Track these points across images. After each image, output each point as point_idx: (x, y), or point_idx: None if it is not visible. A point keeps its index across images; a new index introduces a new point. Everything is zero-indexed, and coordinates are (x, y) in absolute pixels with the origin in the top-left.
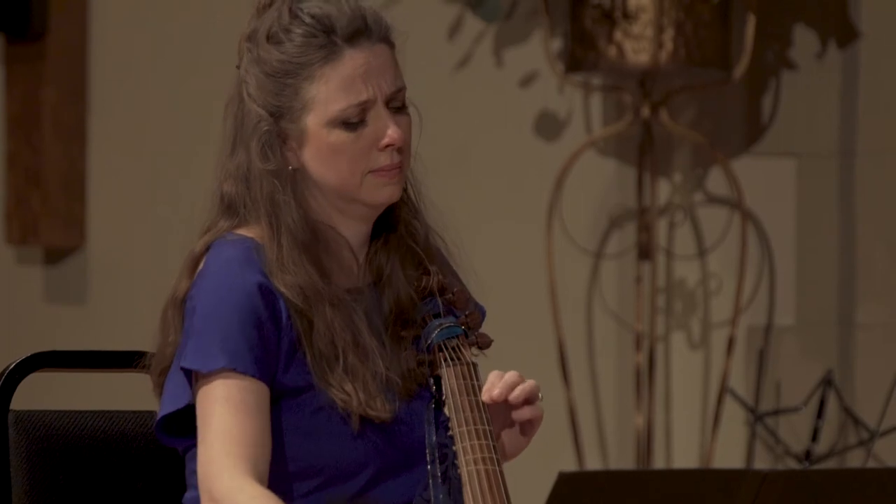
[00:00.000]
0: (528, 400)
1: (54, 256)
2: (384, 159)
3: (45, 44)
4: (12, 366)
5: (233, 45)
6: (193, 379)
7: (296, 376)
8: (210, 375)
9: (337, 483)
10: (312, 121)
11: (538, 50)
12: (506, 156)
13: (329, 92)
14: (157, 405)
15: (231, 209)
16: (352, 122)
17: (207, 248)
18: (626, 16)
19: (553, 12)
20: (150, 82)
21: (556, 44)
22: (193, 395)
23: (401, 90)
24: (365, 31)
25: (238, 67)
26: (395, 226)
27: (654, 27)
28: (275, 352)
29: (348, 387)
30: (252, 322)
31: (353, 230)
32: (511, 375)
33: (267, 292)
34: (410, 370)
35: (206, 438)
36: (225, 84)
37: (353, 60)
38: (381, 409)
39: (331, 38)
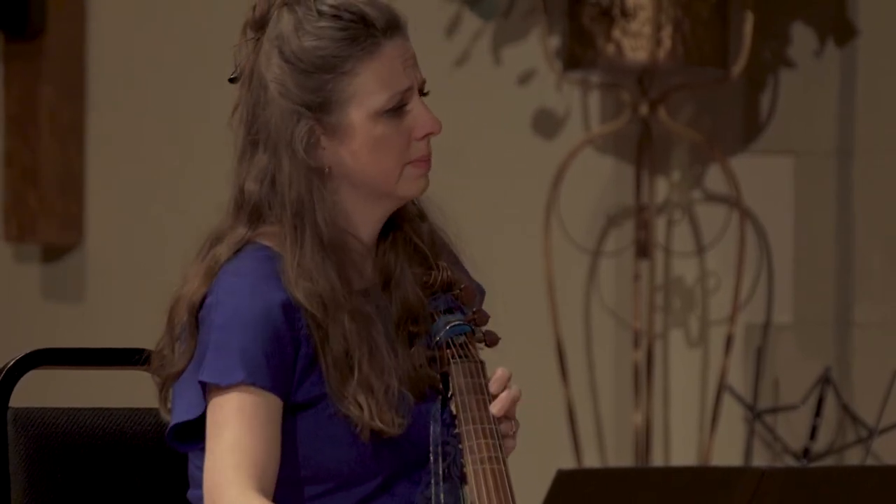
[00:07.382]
0: (507, 415)
1: (52, 254)
2: (422, 149)
3: (43, 42)
4: (10, 363)
5: (230, 44)
6: (208, 390)
7: (310, 388)
8: (227, 387)
9: (347, 487)
10: (357, 115)
11: (536, 48)
12: (504, 154)
13: (373, 84)
14: (157, 401)
15: (254, 212)
16: (396, 112)
17: (232, 257)
18: (625, 13)
19: (551, 10)
20: (148, 81)
21: (555, 41)
22: (206, 404)
23: (425, 80)
24: (396, 23)
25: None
26: (399, 225)
27: (652, 25)
28: (291, 367)
29: (361, 399)
30: (270, 336)
31: (368, 230)
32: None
33: (289, 309)
34: (421, 367)
35: (216, 450)
36: (222, 83)
37: (393, 51)
38: (391, 425)
39: (370, 31)
